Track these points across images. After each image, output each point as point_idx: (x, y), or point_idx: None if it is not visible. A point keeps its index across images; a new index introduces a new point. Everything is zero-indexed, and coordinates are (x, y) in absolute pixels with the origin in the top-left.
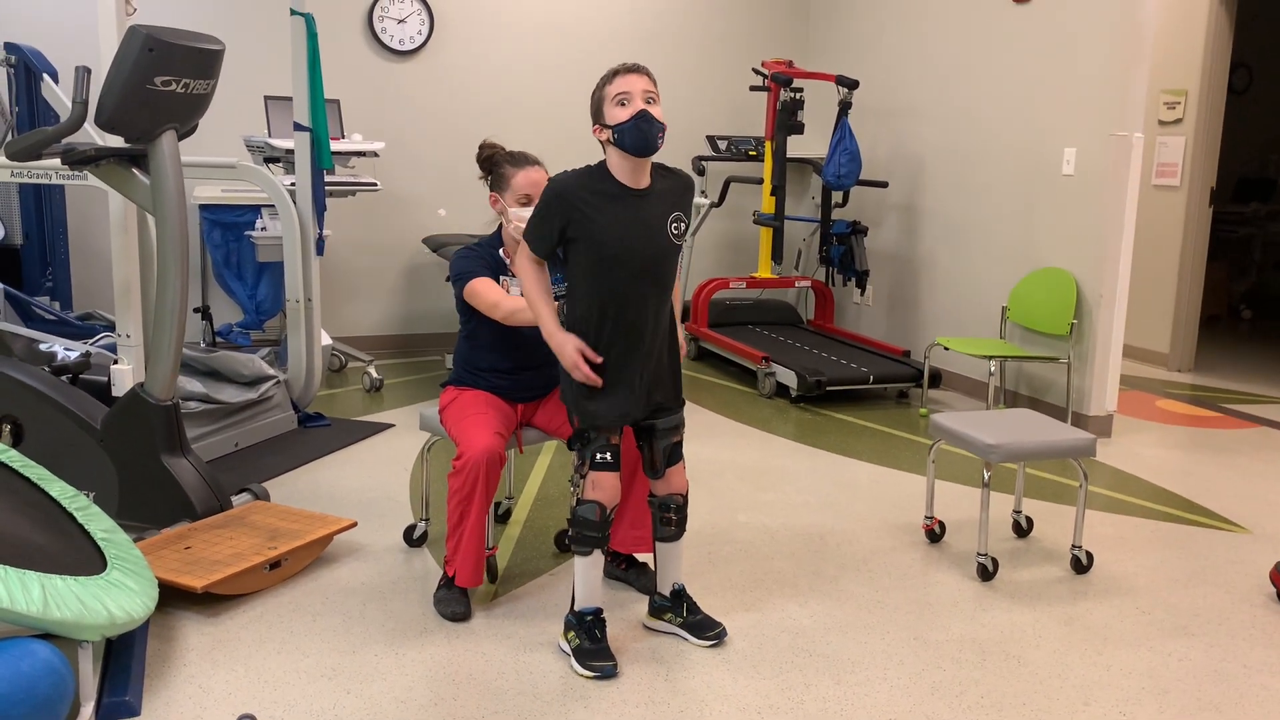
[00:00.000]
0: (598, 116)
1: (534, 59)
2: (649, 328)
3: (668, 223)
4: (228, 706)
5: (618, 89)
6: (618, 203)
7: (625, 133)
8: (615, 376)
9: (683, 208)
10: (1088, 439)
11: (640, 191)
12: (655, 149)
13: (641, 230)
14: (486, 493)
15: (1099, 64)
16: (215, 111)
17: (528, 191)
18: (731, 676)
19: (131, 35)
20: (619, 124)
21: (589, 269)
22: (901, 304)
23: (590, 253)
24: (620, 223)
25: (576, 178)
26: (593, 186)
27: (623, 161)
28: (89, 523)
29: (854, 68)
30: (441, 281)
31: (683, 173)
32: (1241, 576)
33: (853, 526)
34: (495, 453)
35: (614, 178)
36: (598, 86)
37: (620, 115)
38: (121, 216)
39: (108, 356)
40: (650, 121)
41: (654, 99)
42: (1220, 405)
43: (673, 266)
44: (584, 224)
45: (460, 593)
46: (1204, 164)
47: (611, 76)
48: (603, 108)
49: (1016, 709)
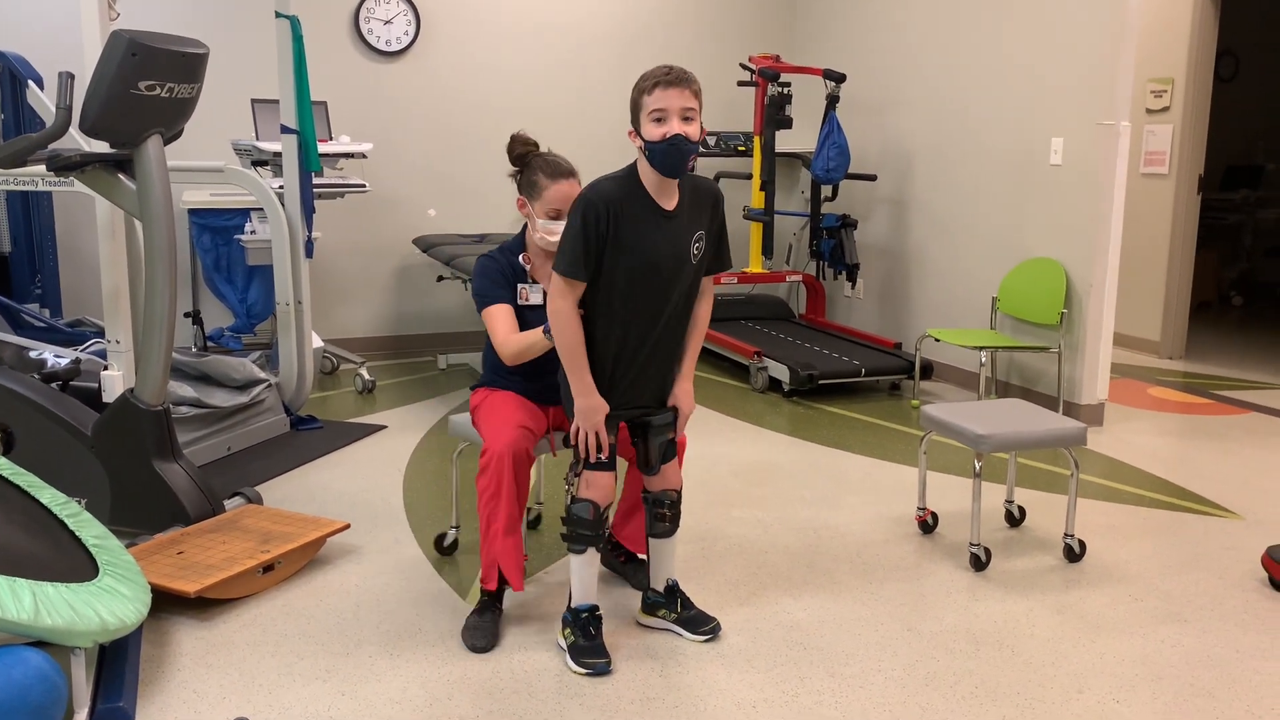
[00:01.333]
0: (634, 121)
1: (521, 58)
2: (660, 342)
3: (691, 243)
4: (222, 710)
5: (656, 104)
6: (648, 221)
7: (656, 154)
8: (613, 385)
9: (706, 224)
10: (1079, 428)
11: (669, 213)
12: (685, 173)
13: (668, 252)
14: (516, 491)
15: (1086, 53)
16: (202, 115)
17: (559, 206)
18: (726, 671)
19: (115, 40)
20: (652, 142)
21: (608, 280)
22: (892, 297)
23: (613, 266)
24: (648, 242)
25: (614, 187)
26: (628, 199)
27: (653, 175)
28: (80, 529)
29: (842, 62)
30: (432, 282)
31: (710, 184)
32: (1234, 562)
33: (846, 519)
34: (521, 448)
35: (646, 191)
36: (637, 88)
37: (654, 133)
38: (109, 222)
39: (98, 363)
40: (682, 147)
41: (693, 116)
42: (1211, 392)
43: (694, 284)
44: (617, 236)
45: (491, 621)
46: (1192, 152)
47: (652, 87)
48: (639, 115)
49: (1010, 698)
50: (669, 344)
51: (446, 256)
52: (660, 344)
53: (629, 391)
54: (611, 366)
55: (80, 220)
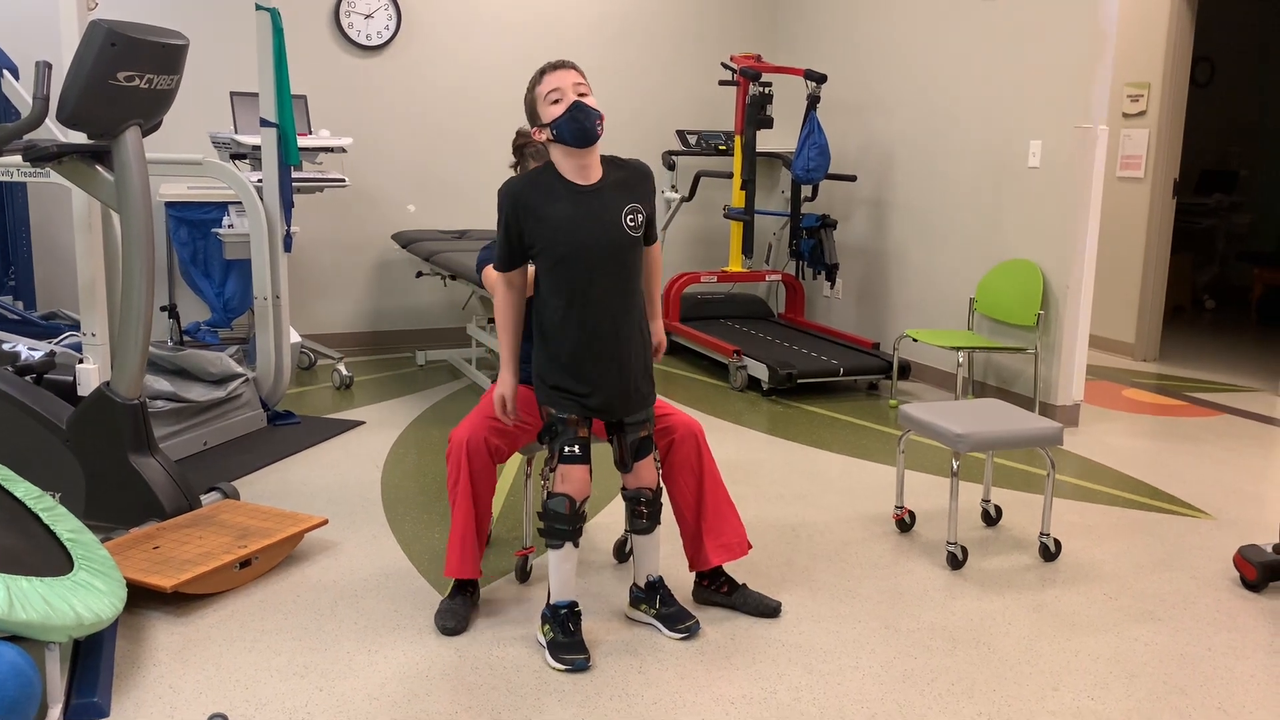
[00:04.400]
0: (534, 119)
1: (502, 54)
2: (613, 324)
3: (622, 215)
4: (198, 706)
5: (548, 87)
6: (566, 201)
7: (562, 126)
8: (580, 372)
9: (639, 198)
10: (1054, 428)
11: (591, 187)
12: (595, 137)
13: (594, 226)
14: (472, 480)
15: (1063, 57)
16: (181, 108)
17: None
18: (705, 667)
19: (93, 30)
20: (555, 120)
21: (547, 270)
22: (871, 297)
23: (546, 254)
24: (571, 220)
25: (523, 180)
26: (540, 187)
27: (567, 158)
28: (55, 523)
29: (822, 62)
30: (411, 278)
31: (637, 162)
32: (1206, 561)
33: (824, 517)
34: (479, 439)
35: (562, 176)
36: (529, 89)
37: (555, 112)
38: (85, 214)
39: (73, 356)
40: (585, 110)
41: (586, 91)
42: (1185, 394)
43: (634, 260)
44: (536, 226)
45: (461, 605)
46: (1167, 156)
47: (540, 76)
48: (537, 108)
49: (987, 695)
50: (625, 320)
51: (426, 252)
52: (617, 321)
53: (598, 378)
54: (573, 352)
55: (55, 212)
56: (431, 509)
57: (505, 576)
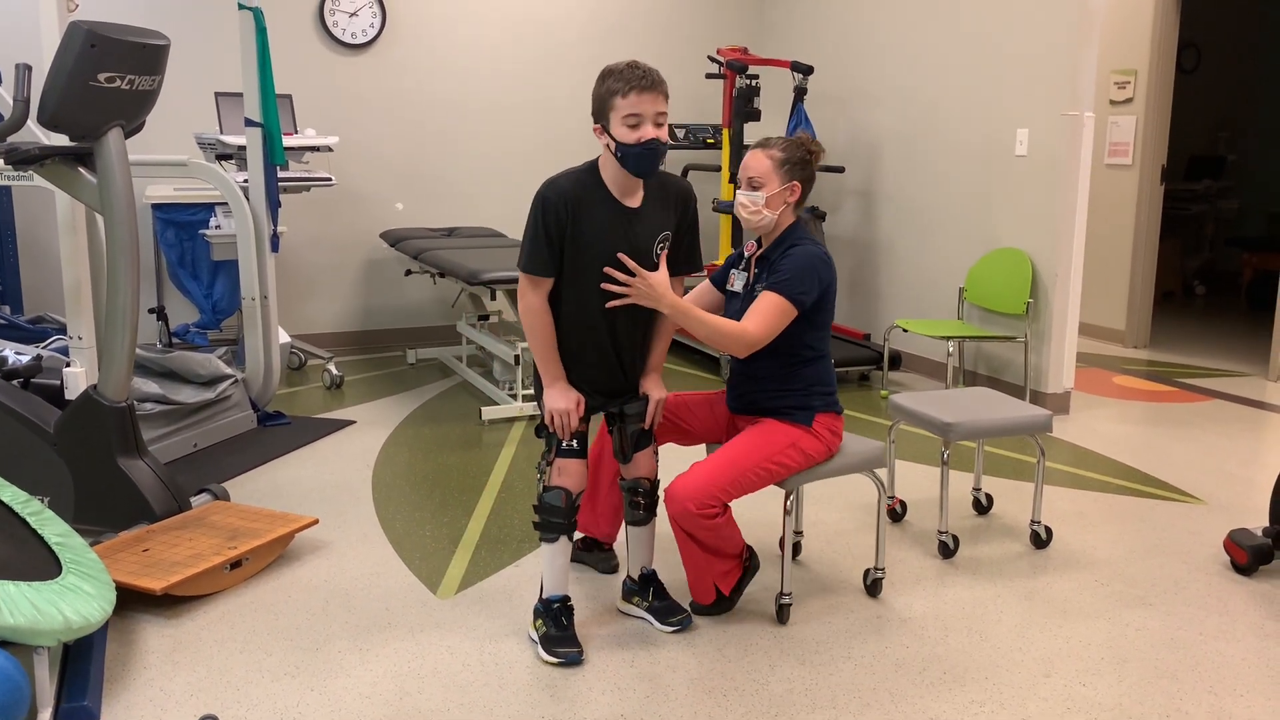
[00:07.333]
0: (600, 117)
1: (488, 51)
2: (620, 337)
3: (655, 244)
4: (190, 708)
5: (631, 109)
6: (607, 213)
7: (630, 157)
8: (581, 374)
9: (674, 223)
10: (1044, 415)
11: (631, 210)
12: (655, 175)
13: (625, 249)
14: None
15: (1049, 45)
16: (166, 109)
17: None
18: (697, 660)
19: (73, 31)
20: (625, 145)
21: (571, 275)
22: (861, 288)
23: (575, 261)
24: (606, 236)
25: (571, 184)
26: (585, 191)
27: (618, 174)
28: (43, 527)
29: (809, 54)
30: (400, 277)
31: (681, 183)
32: (1197, 546)
33: (815, 507)
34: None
35: (607, 188)
36: (608, 88)
37: (628, 137)
38: (69, 217)
39: (60, 359)
40: (658, 152)
41: (664, 120)
42: (1175, 380)
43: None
44: (575, 233)
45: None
46: (1155, 143)
47: (627, 90)
48: (608, 114)
49: (979, 682)
50: (637, 338)
51: (415, 250)
52: (629, 338)
53: (600, 383)
54: (581, 357)
55: (41, 215)
56: (422, 507)
57: (499, 571)
